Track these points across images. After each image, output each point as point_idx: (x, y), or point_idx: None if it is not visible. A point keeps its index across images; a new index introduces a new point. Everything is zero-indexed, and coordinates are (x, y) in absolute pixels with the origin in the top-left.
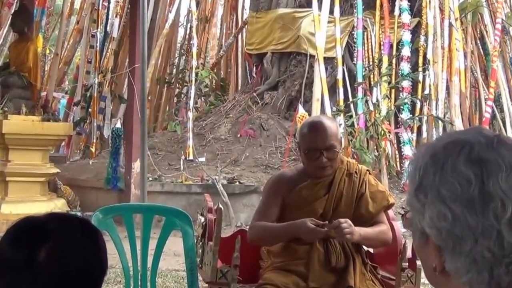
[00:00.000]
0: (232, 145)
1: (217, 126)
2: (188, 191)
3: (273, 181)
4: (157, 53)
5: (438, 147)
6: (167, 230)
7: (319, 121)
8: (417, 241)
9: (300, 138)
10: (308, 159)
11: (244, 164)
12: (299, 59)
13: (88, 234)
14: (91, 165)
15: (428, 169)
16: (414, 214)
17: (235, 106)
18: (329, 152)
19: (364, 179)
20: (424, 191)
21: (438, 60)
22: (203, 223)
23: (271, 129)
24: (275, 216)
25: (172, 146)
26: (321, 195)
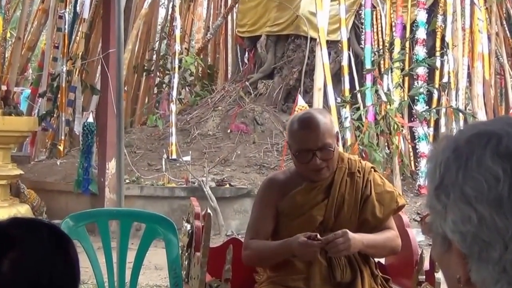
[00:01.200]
0: (222, 142)
1: (204, 120)
2: (171, 195)
3: (263, 188)
4: (134, 36)
5: (461, 140)
6: (147, 239)
7: (308, 117)
8: (438, 248)
9: (289, 138)
10: (299, 161)
11: (235, 163)
12: (298, 42)
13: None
14: (59, 165)
15: (450, 166)
16: (435, 217)
17: (225, 97)
18: (323, 152)
19: (369, 178)
20: (446, 190)
21: (458, 43)
22: (189, 231)
23: (266, 124)
24: (270, 230)
25: (153, 144)
26: (320, 200)
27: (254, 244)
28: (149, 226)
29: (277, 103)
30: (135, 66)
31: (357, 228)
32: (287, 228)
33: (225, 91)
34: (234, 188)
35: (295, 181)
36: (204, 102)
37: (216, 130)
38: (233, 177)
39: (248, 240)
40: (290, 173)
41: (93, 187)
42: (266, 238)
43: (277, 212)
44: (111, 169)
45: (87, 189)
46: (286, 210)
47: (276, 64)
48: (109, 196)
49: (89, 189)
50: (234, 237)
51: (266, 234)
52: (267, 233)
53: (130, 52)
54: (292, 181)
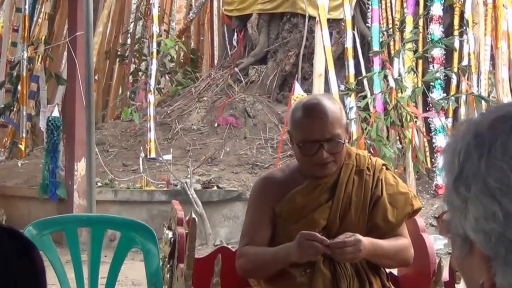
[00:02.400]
0: (208, 137)
1: (187, 112)
2: (150, 199)
3: (258, 188)
4: (105, 17)
5: (483, 125)
6: (123, 250)
7: (316, 103)
8: (457, 250)
9: (291, 127)
10: (303, 154)
11: (223, 162)
12: (295, 22)
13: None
14: (21, 167)
15: (471, 153)
16: (453, 215)
17: (211, 86)
18: (332, 143)
19: (380, 177)
20: (466, 182)
21: (480, 20)
22: (171, 240)
23: (259, 116)
24: (267, 236)
25: (128, 141)
26: (323, 201)
27: (249, 251)
28: (124, 234)
29: (271, 92)
30: (107, 52)
31: (366, 234)
32: (286, 234)
33: (211, 79)
34: (222, 191)
35: (295, 179)
36: (187, 92)
37: (201, 124)
38: (222, 178)
39: (242, 247)
40: (289, 170)
41: (60, 191)
42: (263, 245)
43: (274, 215)
44: (81, 170)
45: (53, 194)
46: (285, 212)
47: (269, 47)
48: (79, 202)
49: (56, 194)
50: (223, 246)
51: (263, 241)
52: (264, 239)
53: (100, 36)
54: (291, 179)
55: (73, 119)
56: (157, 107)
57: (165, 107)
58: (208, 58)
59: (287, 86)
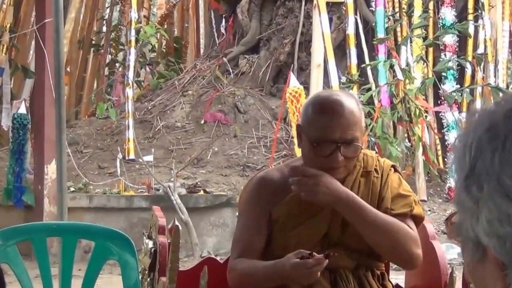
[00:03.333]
0: (193, 136)
1: (171, 108)
2: (129, 206)
3: (252, 189)
4: (78, 2)
5: (498, 116)
6: (98, 262)
7: (337, 99)
8: (469, 256)
9: (306, 123)
10: (317, 154)
11: (211, 164)
12: (290, 6)
13: None
14: None
15: (484, 148)
16: (464, 217)
17: (197, 79)
18: (350, 147)
19: (388, 180)
20: (478, 180)
21: (497, 3)
22: (152, 250)
23: (251, 111)
24: (262, 243)
25: (104, 140)
26: (324, 207)
27: (241, 264)
28: (99, 244)
29: (264, 85)
30: (80, 41)
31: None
32: (282, 241)
33: (197, 70)
34: (210, 196)
35: None
36: (170, 85)
37: (186, 121)
38: (209, 182)
39: (233, 260)
40: (287, 170)
41: (27, 197)
42: (258, 255)
43: (270, 220)
44: (51, 174)
45: (19, 200)
46: (282, 218)
47: (262, 34)
48: (49, 209)
49: (23, 200)
50: (210, 257)
51: (258, 249)
52: (259, 247)
53: (73, 22)
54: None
55: (42, 116)
56: (136, 102)
57: (145, 103)
58: (193, 47)
59: (281, 78)
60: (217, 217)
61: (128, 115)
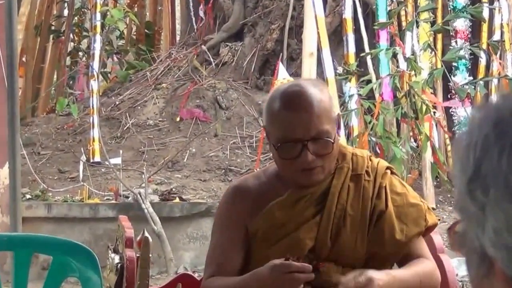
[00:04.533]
0: (168, 135)
1: (142, 104)
2: (94, 215)
3: (227, 200)
4: None
5: (506, 111)
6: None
7: (298, 91)
8: (473, 270)
9: (267, 122)
10: (282, 157)
11: (188, 167)
12: None
13: None
14: None
15: (490, 147)
16: (468, 225)
17: (171, 70)
18: (319, 143)
19: (383, 183)
20: (484, 184)
21: None
22: (118, 266)
23: (234, 107)
24: (239, 262)
25: (65, 141)
26: (310, 216)
27: (216, 283)
28: (57, 259)
29: (249, 77)
30: (37, 26)
31: (366, 258)
32: (262, 258)
33: (172, 60)
34: (187, 204)
35: (274, 189)
36: (141, 77)
37: (160, 118)
38: (186, 188)
39: (207, 279)
40: (266, 177)
41: None
42: (234, 273)
43: (247, 235)
44: (3, 179)
45: None
46: (261, 232)
47: (246, 18)
48: (1, 219)
49: None
50: (186, 273)
51: (233, 268)
52: (235, 266)
53: (29, 5)
54: (269, 189)
55: None
56: (102, 96)
57: (113, 97)
58: (168, 34)
59: (269, 69)
60: (195, 228)
61: (92, 112)
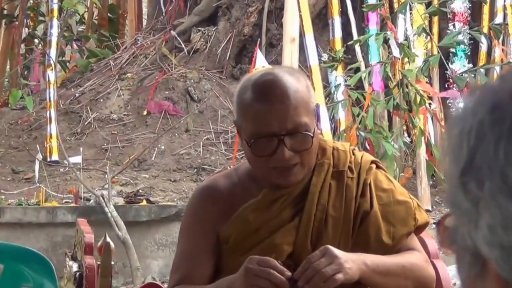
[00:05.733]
0: (134, 131)
1: (104, 96)
2: (51, 220)
3: (195, 203)
4: None
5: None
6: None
7: (271, 79)
8: (465, 271)
9: (238, 115)
10: (256, 154)
11: (156, 166)
12: None
13: None
14: None
15: (486, 135)
16: (460, 221)
17: (137, 58)
18: (296, 138)
19: (368, 180)
20: (478, 176)
21: None
22: (76, 274)
23: (207, 99)
24: (208, 271)
25: (19, 137)
26: (287, 219)
27: None
28: (9, 267)
29: (224, 65)
30: None
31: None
32: (235, 267)
33: (138, 47)
34: (155, 207)
35: (246, 189)
36: (104, 66)
37: (124, 112)
38: (154, 189)
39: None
40: (238, 176)
41: None
42: (203, 282)
43: (218, 241)
44: None
45: None
46: (233, 238)
47: (220, 0)
48: None
49: None
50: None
51: (202, 277)
52: (203, 276)
53: None
54: (241, 189)
55: None
56: (60, 88)
57: (72, 89)
58: (134, 18)
59: (246, 57)
60: (164, 234)
61: (49, 105)
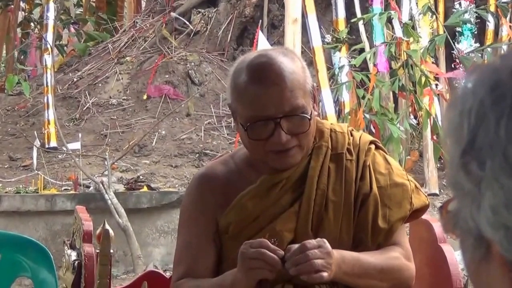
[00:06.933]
0: (133, 116)
1: (103, 80)
2: (50, 208)
3: (193, 191)
4: None
5: (504, 72)
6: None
7: (265, 62)
8: (469, 254)
9: (232, 98)
10: (252, 137)
11: (157, 152)
12: None
13: None
14: None
15: (487, 114)
16: (462, 203)
17: (137, 41)
18: (293, 120)
19: (367, 162)
20: (479, 156)
21: None
22: (75, 263)
23: (208, 83)
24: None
25: (16, 124)
26: (287, 205)
27: (185, 285)
28: (6, 257)
29: (225, 48)
30: None
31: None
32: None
33: (137, 30)
34: (156, 193)
35: (244, 176)
36: (102, 50)
37: (124, 97)
38: (155, 175)
39: (175, 282)
40: (235, 162)
41: None
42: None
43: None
44: None
45: None
46: (233, 226)
47: None
48: None
49: None
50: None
51: (206, 269)
52: (207, 266)
53: None
54: (239, 176)
55: None
56: (57, 73)
57: (70, 73)
58: (133, 0)
59: (247, 39)
60: (166, 221)
61: (47, 90)
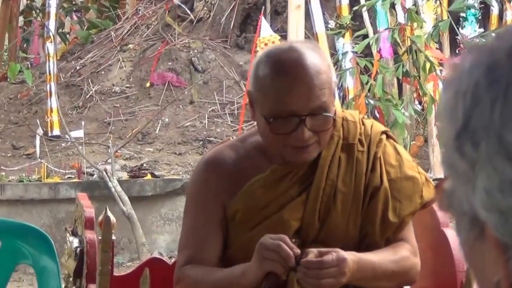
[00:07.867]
0: (137, 103)
1: (106, 68)
2: (54, 196)
3: (199, 177)
4: None
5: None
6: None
7: (296, 57)
8: (463, 235)
9: (255, 89)
10: (275, 131)
11: (161, 139)
12: None
13: None
14: None
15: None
16: (457, 184)
17: (139, 28)
18: (317, 119)
19: (378, 153)
20: (474, 138)
21: None
22: (77, 250)
23: (212, 70)
24: (217, 248)
25: (19, 112)
26: (295, 194)
27: (191, 272)
28: (7, 244)
29: (229, 35)
30: None
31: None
32: (242, 244)
33: (140, 17)
34: (160, 181)
35: (254, 162)
36: (105, 37)
37: (127, 85)
38: (158, 163)
39: (181, 267)
40: (245, 148)
41: None
42: (212, 261)
43: (225, 217)
44: None
45: None
46: (240, 213)
47: None
48: None
49: None
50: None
51: (212, 255)
52: (213, 253)
53: None
54: (249, 162)
55: None
56: (60, 61)
57: (73, 61)
58: None
59: (251, 25)
60: (170, 208)
61: (49, 79)
